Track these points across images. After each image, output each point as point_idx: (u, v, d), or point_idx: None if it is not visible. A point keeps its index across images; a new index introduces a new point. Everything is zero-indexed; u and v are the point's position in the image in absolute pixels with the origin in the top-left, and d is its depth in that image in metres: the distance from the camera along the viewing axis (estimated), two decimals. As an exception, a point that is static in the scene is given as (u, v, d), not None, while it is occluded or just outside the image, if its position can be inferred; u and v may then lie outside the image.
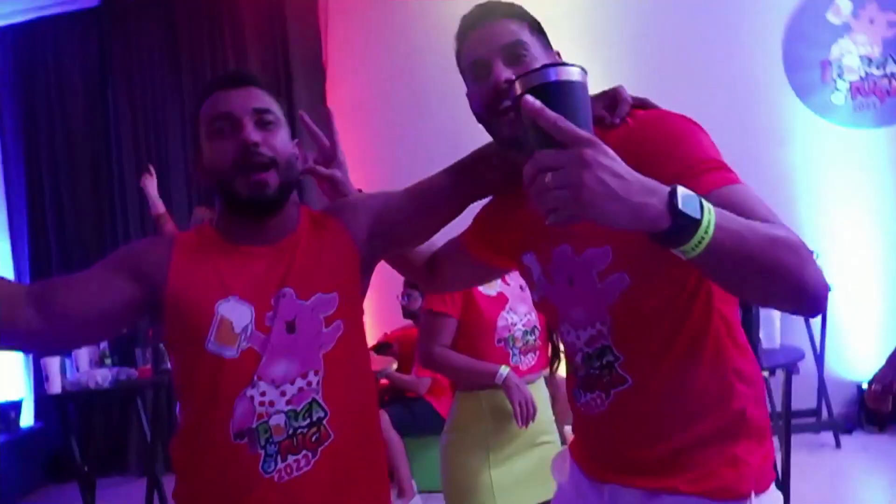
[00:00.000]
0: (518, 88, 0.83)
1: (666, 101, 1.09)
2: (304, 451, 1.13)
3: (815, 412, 4.26)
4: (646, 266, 1.01)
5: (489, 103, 1.07)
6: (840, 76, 4.47)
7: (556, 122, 0.76)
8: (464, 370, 2.00)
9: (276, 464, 1.12)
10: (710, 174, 0.94)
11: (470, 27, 1.10)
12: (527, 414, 1.88)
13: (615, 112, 1.06)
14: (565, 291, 1.11)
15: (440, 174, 1.28)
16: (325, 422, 1.15)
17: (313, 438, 1.14)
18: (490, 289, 2.02)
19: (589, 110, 0.83)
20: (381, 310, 4.76)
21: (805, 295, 0.86)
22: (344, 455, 1.16)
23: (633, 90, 1.11)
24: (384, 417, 3.82)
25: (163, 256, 1.17)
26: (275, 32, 5.06)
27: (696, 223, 0.78)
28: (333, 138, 1.38)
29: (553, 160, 0.76)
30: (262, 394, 1.12)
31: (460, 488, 1.99)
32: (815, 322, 4.19)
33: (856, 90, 4.45)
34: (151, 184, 3.74)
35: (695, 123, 1.03)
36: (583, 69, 0.83)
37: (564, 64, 0.83)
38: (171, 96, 5.15)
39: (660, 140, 0.99)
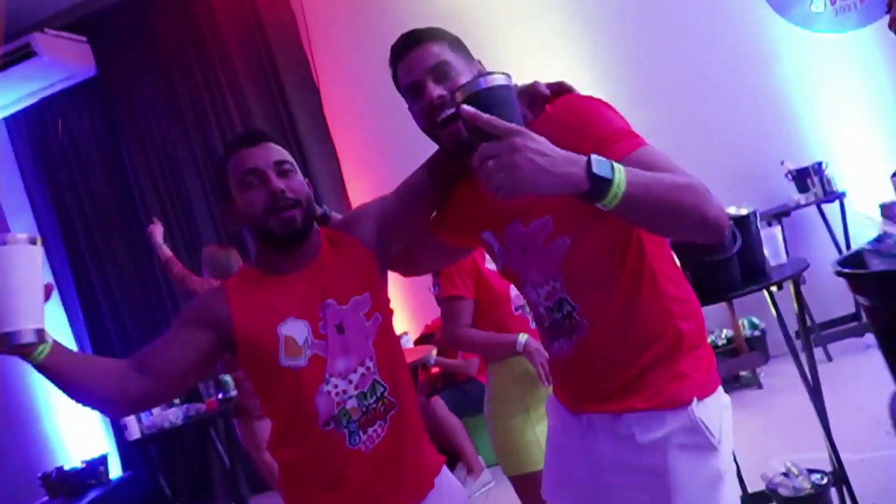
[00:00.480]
0: (459, 97, 1.04)
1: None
2: (378, 422, 1.40)
3: (856, 316, 4.34)
4: (581, 228, 1.21)
5: (428, 118, 1.27)
6: (815, -16, 4.49)
7: (489, 121, 0.98)
8: (486, 344, 2.16)
9: (359, 437, 1.38)
10: (620, 143, 1.13)
11: (400, 54, 1.30)
12: (549, 374, 2.02)
13: (535, 107, 1.25)
14: (521, 258, 1.31)
15: (418, 171, 1.49)
16: (386, 394, 1.41)
17: (381, 409, 1.40)
18: (496, 265, 2.17)
19: (516, 103, 1.04)
20: (418, 305, 4.94)
21: (707, 225, 1.07)
22: (404, 417, 1.42)
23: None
24: (440, 403, 3.98)
25: (221, 304, 1.41)
26: (265, 65, 5.23)
27: (609, 182, 0.98)
28: None
29: (492, 150, 0.97)
30: (335, 386, 1.38)
31: (511, 451, 2.15)
32: (839, 231, 4.25)
33: (833, -5, 4.46)
34: (158, 231, 3.92)
35: (600, 101, 1.22)
36: (506, 74, 1.05)
37: (490, 73, 1.05)
38: (180, 145, 5.33)
39: (574, 122, 1.18)
